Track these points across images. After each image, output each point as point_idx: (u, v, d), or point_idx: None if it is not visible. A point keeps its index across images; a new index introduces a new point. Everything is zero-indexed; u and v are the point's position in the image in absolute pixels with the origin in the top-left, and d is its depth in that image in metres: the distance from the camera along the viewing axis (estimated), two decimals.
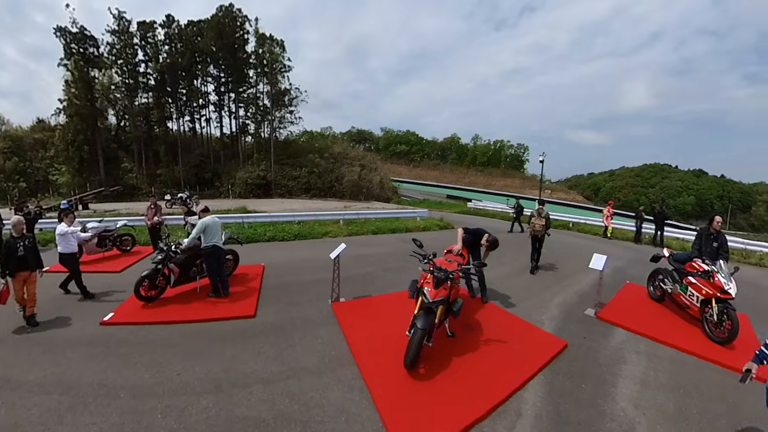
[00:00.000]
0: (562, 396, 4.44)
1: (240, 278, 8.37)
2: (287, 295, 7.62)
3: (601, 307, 7.30)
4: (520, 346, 5.61)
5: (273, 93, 41.32)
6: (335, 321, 6.37)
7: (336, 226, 16.51)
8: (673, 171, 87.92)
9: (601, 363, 5.28)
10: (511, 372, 4.89)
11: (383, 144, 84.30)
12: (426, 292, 5.06)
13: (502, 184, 64.96)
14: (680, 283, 7.05)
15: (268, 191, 38.01)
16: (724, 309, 6.02)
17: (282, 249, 12.22)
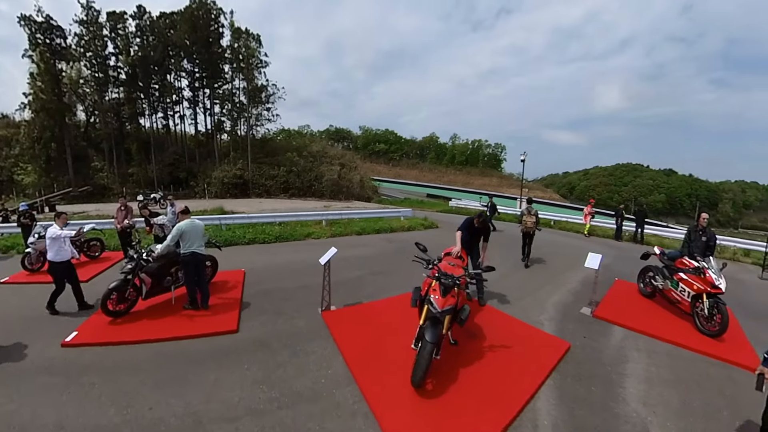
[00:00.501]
0: (574, 401, 4.36)
1: (219, 286, 7.68)
2: (272, 304, 7.01)
3: (596, 305, 7.36)
4: (526, 351, 5.45)
5: (249, 89, 39.87)
6: (327, 333, 5.83)
7: (319, 227, 15.89)
8: (645, 170, 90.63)
9: (605, 363, 5.31)
10: (521, 379, 4.72)
11: (362, 143, 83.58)
12: (433, 301, 4.64)
13: (480, 183, 65.21)
14: (671, 279, 7.30)
15: (246, 191, 36.74)
16: (714, 303, 6.30)
17: (263, 252, 11.54)
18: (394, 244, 13.92)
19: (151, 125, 41.65)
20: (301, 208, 25.51)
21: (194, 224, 6.48)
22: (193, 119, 43.56)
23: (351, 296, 7.63)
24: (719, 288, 6.34)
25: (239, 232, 13.43)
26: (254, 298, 7.28)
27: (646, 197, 69.35)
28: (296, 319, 6.35)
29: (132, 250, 6.51)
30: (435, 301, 4.61)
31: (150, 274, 6.27)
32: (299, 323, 6.21)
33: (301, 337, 5.70)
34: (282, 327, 6.03)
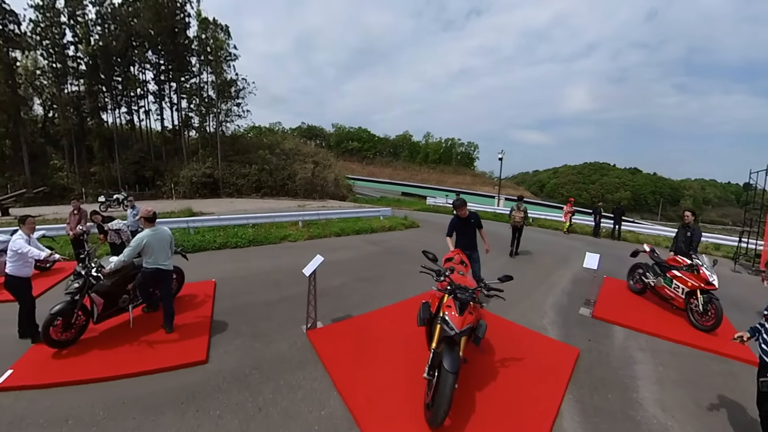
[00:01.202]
0: (597, 414, 4.16)
1: (186, 302, 6.69)
2: (248, 322, 6.10)
3: (594, 305, 7.30)
4: (538, 361, 5.09)
5: (218, 83, 38.02)
6: (316, 358, 5.01)
7: (295, 229, 14.94)
8: (612, 169, 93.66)
9: (614, 367, 5.21)
10: (542, 397, 4.31)
11: (335, 140, 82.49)
12: (449, 320, 3.95)
13: (454, 181, 65.48)
14: (664, 276, 7.41)
15: (216, 190, 35.10)
16: (708, 299, 6.49)
17: (236, 258, 10.51)
18: (376, 246, 13.17)
19: (115, 121, 39.04)
20: (275, 208, 24.40)
21: (160, 234, 5.44)
22: (159, 115, 41.25)
23: (337, 308, 6.84)
24: (713, 284, 6.51)
25: (209, 236, 12.28)
26: (227, 315, 6.33)
27: (613, 194, 71.46)
28: (278, 342, 5.48)
29: (80, 264, 5.40)
30: (451, 320, 3.94)
31: (102, 294, 5.20)
32: (281, 347, 5.34)
33: (285, 365, 4.84)
34: (261, 353, 5.14)
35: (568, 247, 15.05)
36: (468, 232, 6.77)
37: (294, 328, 5.93)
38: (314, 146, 57.81)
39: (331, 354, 5.07)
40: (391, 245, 13.48)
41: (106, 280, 5.28)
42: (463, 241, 6.77)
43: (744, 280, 9.71)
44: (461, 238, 6.79)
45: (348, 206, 28.56)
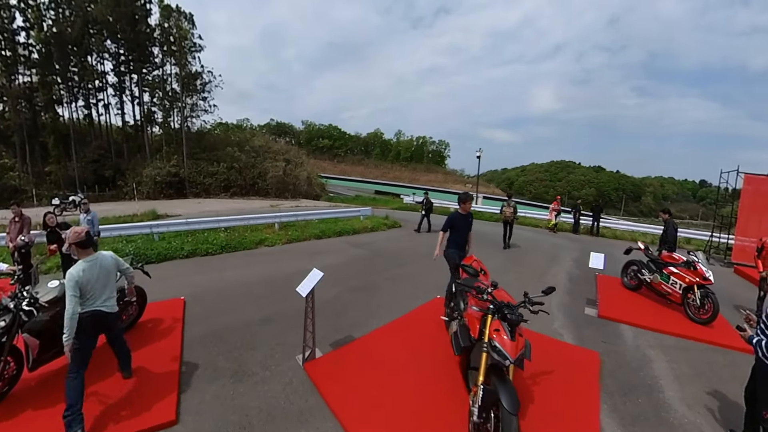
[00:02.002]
0: (634, 422, 4.01)
1: (149, 330, 5.43)
2: (227, 354, 4.93)
3: (596, 304, 7.40)
4: (565, 371, 4.77)
5: (182, 76, 35.30)
6: (320, 402, 3.98)
7: (271, 232, 13.67)
8: (577, 167, 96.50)
9: (633, 368, 5.19)
10: (579, 410, 4.02)
11: (305, 138, 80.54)
12: (501, 347, 3.31)
13: (426, 179, 64.95)
14: (660, 273, 7.63)
15: (182, 190, 32.58)
16: (705, 294, 6.75)
17: (207, 268, 9.16)
18: (362, 248, 12.16)
19: (71, 115, 35.70)
20: (247, 209, 22.86)
21: (98, 264, 3.73)
22: (120, 109, 37.91)
23: (334, 328, 5.83)
24: (709, 279, 6.81)
25: (176, 242, 10.77)
26: (201, 345, 5.13)
27: (579, 191, 72.99)
28: (267, 382, 4.36)
29: (7, 296, 4.02)
30: (503, 346, 3.31)
31: (38, 333, 3.87)
32: (273, 389, 4.22)
33: (281, 419, 3.73)
34: (247, 401, 4.00)
35: (552, 244, 15.20)
36: (465, 230, 6.23)
37: (286, 360, 4.85)
38: (285, 144, 55.72)
39: (339, 394, 4.06)
40: (378, 247, 12.52)
41: (43, 314, 3.99)
42: (458, 239, 6.20)
43: (717, 271, 9.62)
44: (457, 236, 6.17)
45: (323, 205, 27.33)
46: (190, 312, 6.20)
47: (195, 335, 5.39)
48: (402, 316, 6.40)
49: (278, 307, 6.67)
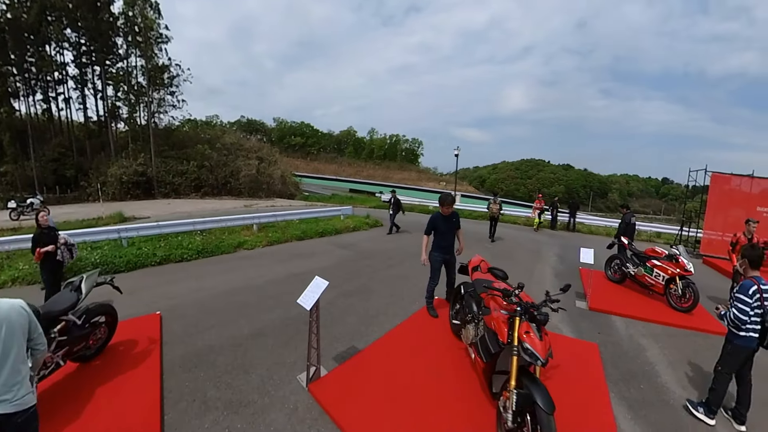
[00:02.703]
0: (641, 407, 4.21)
1: (121, 354, 4.61)
2: (216, 380, 4.20)
3: (586, 298, 7.69)
4: (571, 364, 4.80)
5: (149, 69, 32.79)
6: (334, 430, 3.46)
7: (250, 233, 12.81)
8: (546, 165, 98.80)
9: (630, 356, 5.41)
10: (591, 402, 4.09)
11: (277, 136, 78.37)
12: (532, 348, 3.24)
13: (399, 177, 64.61)
14: (644, 266, 8.06)
15: (150, 190, 30.51)
16: (687, 284, 7.18)
17: (183, 276, 8.27)
18: (347, 249, 11.54)
19: (29, 110, 32.44)
20: (220, 209, 21.69)
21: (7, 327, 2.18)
22: (82, 103, 34.64)
23: (334, 339, 5.26)
24: (690, 271, 7.27)
25: (147, 247, 9.73)
26: (184, 371, 4.36)
27: (549, 188, 74.71)
28: (268, 411, 3.69)
29: None
30: (534, 348, 3.24)
31: None
32: (277, 419, 3.57)
33: None
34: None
35: (533, 240, 15.35)
36: (449, 232, 5.96)
37: (286, 382, 4.22)
38: (257, 141, 53.79)
39: (354, 418, 3.58)
40: (363, 248, 11.93)
41: None
42: (443, 242, 5.96)
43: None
44: (440, 238, 5.95)
45: (299, 205, 26.41)
46: (169, 329, 5.40)
47: (176, 358, 4.63)
48: (404, 321, 6.01)
49: (268, 318, 5.99)
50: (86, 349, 4.27)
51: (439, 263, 5.99)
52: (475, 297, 4.75)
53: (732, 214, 13.80)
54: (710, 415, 3.98)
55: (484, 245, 13.01)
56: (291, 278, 8.26)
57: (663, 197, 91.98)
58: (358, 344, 5.23)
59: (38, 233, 5.85)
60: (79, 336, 4.06)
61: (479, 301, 4.60)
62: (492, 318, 3.89)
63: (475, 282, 4.98)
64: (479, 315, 4.39)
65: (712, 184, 14.42)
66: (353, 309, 6.59)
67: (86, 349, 4.27)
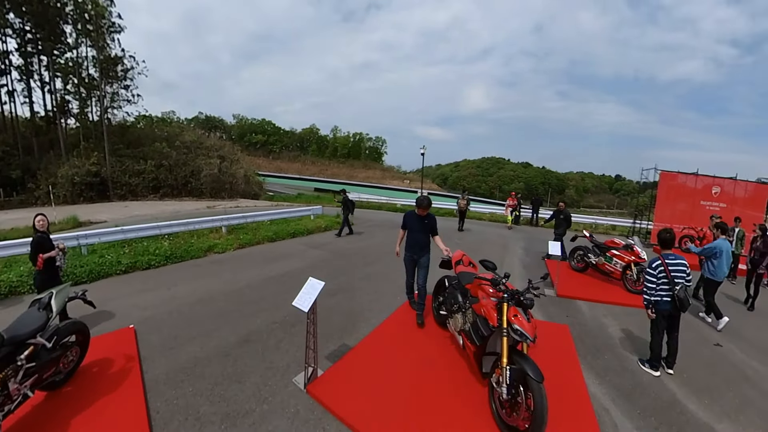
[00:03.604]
0: (606, 374, 4.89)
1: (96, 375, 4.17)
2: (209, 393, 3.92)
3: (553, 286, 8.22)
4: (546, 344, 5.16)
5: (101, 60, 30.07)
6: (340, 427, 3.47)
7: (219, 236, 12.26)
8: (506, 163, 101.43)
9: (595, 333, 6.15)
10: (569, 377, 4.59)
11: (237, 133, 75.85)
12: (521, 329, 3.62)
13: (364, 175, 64.33)
14: (604, 255, 8.96)
15: (105, 192, 28.22)
16: (641, 269, 8.07)
17: (153, 284, 7.71)
18: (321, 250, 11.32)
19: None
20: (181, 211, 20.70)
21: None
22: (28, 97, 30.80)
23: (324, 337, 5.16)
24: (644, 258, 8.19)
25: (110, 254, 9.01)
26: (170, 387, 4.03)
27: (509, 185, 76.51)
28: (269, 418, 3.52)
29: None
30: (523, 328, 3.63)
31: None
32: (280, 425, 3.45)
33: None
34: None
35: (500, 235, 15.89)
36: (421, 232, 5.82)
37: (283, 386, 4.08)
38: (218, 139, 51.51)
39: (358, 412, 3.65)
40: (337, 247, 11.76)
41: None
42: (413, 241, 5.85)
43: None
44: (412, 237, 5.86)
45: (264, 205, 25.66)
46: (146, 343, 5.00)
47: (159, 374, 4.28)
48: (390, 315, 6.16)
49: (252, 323, 5.75)
50: (57, 375, 3.78)
51: (410, 262, 5.97)
52: (460, 288, 5.06)
53: (678, 207, 15.16)
54: (654, 368, 4.96)
55: (453, 240, 13.18)
56: (269, 281, 7.97)
57: (616, 193, 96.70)
58: (348, 342, 5.24)
59: (39, 237, 5.24)
60: (49, 360, 3.58)
61: (465, 291, 4.90)
62: (481, 305, 4.18)
63: (459, 275, 5.28)
64: (466, 304, 4.68)
65: (661, 180, 15.63)
66: (339, 308, 6.56)
67: (57, 375, 3.78)
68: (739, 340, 6.27)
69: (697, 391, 4.60)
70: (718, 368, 5.26)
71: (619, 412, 4.09)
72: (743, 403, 4.45)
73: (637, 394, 4.45)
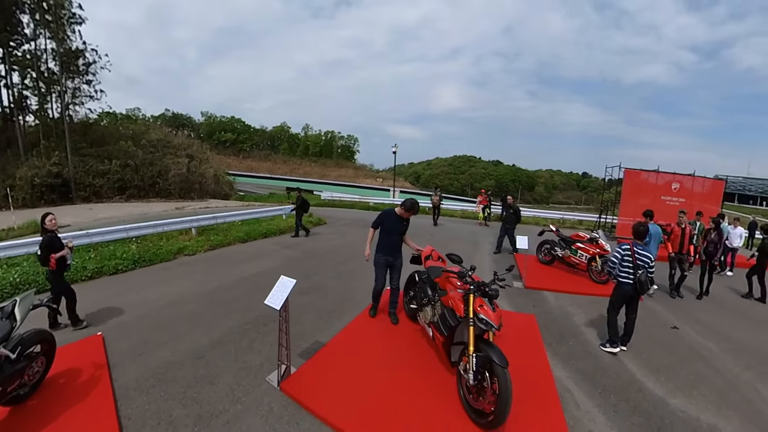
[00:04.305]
0: (570, 358, 5.22)
1: (63, 386, 4.01)
2: (181, 397, 3.88)
3: (522, 278, 8.64)
4: (513, 334, 5.43)
5: (61, 53, 27.87)
6: (314, 422, 3.58)
7: (188, 237, 11.98)
8: (478, 161, 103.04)
9: (560, 322, 6.54)
10: (535, 365, 4.80)
11: (206, 131, 73.83)
12: (487, 318, 3.78)
13: (336, 174, 63.94)
14: (570, 248, 9.39)
15: (67, 194, 26.47)
16: (605, 261, 8.35)
17: (121, 289, 7.45)
18: (294, 249, 11.30)
19: None
20: (150, 213, 20.07)
21: None
22: None
23: (296, 336, 5.17)
24: (608, 250, 8.58)
25: (75, 259, 8.22)
26: (141, 393, 3.96)
27: (480, 183, 78.05)
28: (243, 417, 3.55)
29: None
30: (488, 317, 3.79)
31: None
32: (253, 424, 3.48)
33: None
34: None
35: (470, 231, 16.29)
36: (397, 233, 5.59)
37: (256, 385, 4.12)
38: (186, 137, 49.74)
39: (333, 406, 3.75)
40: (310, 247, 11.77)
41: None
42: (388, 242, 5.56)
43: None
44: (387, 238, 5.55)
45: (234, 205, 25.21)
46: (115, 350, 4.86)
47: (129, 381, 4.19)
48: (363, 311, 6.21)
49: (225, 325, 5.72)
50: (21, 387, 3.60)
51: (384, 265, 5.67)
52: (430, 282, 5.19)
53: (641, 202, 15.84)
54: (613, 346, 5.45)
55: (426, 237, 13.45)
56: (241, 282, 7.92)
57: (583, 189, 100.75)
58: (321, 338, 5.32)
59: (50, 237, 5.24)
60: (14, 372, 3.41)
61: (434, 285, 5.02)
62: (449, 297, 4.31)
63: (429, 269, 5.40)
64: (435, 297, 4.80)
65: (625, 177, 16.55)
66: (311, 306, 6.63)
67: (21, 387, 3.60)
68: (695, 323, 6.89)
69: (655, 370, 4.97)
70: (674, 349, 5.73)
71: (581, 392, 4.36)
72: (697, 379, 4.85)
73: (599, 376, 4.76)
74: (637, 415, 4.01)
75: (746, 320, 7.36)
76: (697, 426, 3.91)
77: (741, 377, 5.00)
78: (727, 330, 6.69)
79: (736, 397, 4.52)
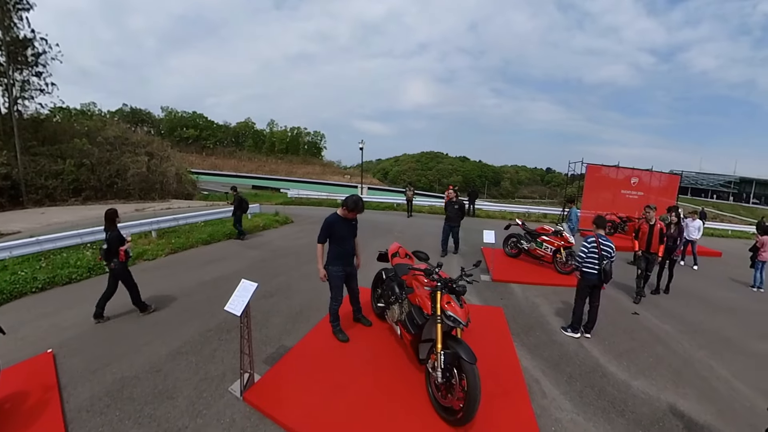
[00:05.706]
0: (536, 348, 5.40)
1: (8, 410, 3.70)
2: (137, 416, 3.67)
3: (489, 271, 8.77)
4: (481, 328, 5.48)
5: (8, 42, 25.34)
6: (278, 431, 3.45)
7: (148, 241, 11.45)
8: (445, 157, 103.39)
9: (527, 313, 6.73)
10: (504, 357, 4.89)
11: (167, 127, 70.70)
12: (454, 315, 3.76)
13: (303, 171, 63.01)
14: (536, 241, 9.67)
15: (17, 197, 24.29)
16: (569, 252, 8.85)
17: (75, 300, 6.93)
18: (259, 250, 11.07)
19: None
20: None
21: None
22: None
23: (261, 341, 5.15)
24: (572, 242, 8.99)
25: (24, 270, 7.96)
26: (94, 414, 3.70)
27: (447, 179, 77.99)
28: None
29: None
30: (456, 314, 3.76)
31: None
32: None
33: None
34: None
35: (439, 226, 16.00)
36: (350, 237, 5.05)
37: (218, 397, 3.97)
38: (145, 134, 47.19)
39: (298, 414, 3.65)
40: (276, 246, 11.55)
41: None
42: (342, 251, 5.00)
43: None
44: (340, 246, 4.96)
45: (198, 205, 24.31)
46: (67, 368, 4.54)
47: (81, 401, 3.92)
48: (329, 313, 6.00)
49: (186, 333, 5.50)
50: None
51: (340, 279, 5.05)
52: (397, 280, 5.09)
53: (602, 196, 16.98)
54: (575, 332, 5.82)
55: (394, 234, 13.67)
56: (204, 286, 7.66)
57: (547, 184, 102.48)
58: (288, 343, 5.19)
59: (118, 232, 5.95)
60: None
61: (401, 283, 4.95)
62: (416, 295, 4.29)
63: (396, 267, 5.29)
64: (402, 295, 4.74)
65: (588, 172, 17.27)
66: (277, 308, 6.49)
67: None
68: (654, 309, 7.38)
69: (618, 356, 5.28)
70: (635, 334, 6.09)
71: (548, 381, 4.52)
72: (656, 361, 5.21)
73: (564, 363, 4.97)
74: (602, 400, 4.22)
75: (703, 304, 7.98)
76: (657, 405, 4.18)
77: (696, 356, 5.44)
78: (683, 313, 7.25)
79: (692, 375, 4.89)
